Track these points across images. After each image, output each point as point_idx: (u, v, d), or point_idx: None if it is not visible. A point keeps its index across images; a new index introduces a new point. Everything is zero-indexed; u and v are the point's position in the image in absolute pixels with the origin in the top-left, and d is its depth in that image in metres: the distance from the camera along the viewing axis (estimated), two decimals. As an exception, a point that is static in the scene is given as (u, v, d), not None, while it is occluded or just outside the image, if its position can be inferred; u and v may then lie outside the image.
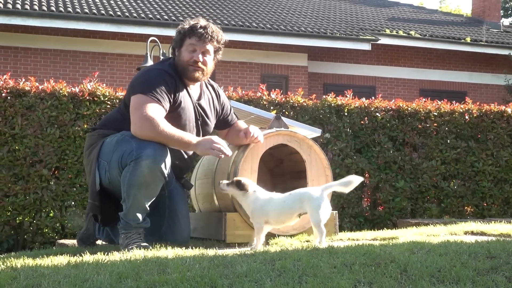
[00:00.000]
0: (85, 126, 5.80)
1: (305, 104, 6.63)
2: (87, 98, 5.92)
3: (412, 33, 15.24)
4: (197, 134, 3.74)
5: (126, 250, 3.24)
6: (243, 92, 6.55)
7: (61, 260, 2.97)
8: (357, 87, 13.86)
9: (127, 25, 12.45)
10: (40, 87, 5.87)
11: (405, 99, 8.41)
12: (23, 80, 5.97)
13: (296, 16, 15.51)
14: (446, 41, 15.41)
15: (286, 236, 3.74)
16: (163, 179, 3.41)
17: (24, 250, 4.96)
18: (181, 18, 12.64)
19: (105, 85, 6.30)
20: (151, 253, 3.05)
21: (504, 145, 7.21)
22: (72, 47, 12.63)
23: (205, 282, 2.33)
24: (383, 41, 14.59)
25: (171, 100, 3.56)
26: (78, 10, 12.43)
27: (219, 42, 3.75)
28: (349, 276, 2.39)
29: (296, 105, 6.58)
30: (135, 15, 12.69)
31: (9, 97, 5.74)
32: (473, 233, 4.24)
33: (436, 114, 7.03)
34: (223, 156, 3.44)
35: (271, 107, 6.38)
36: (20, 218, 5.71)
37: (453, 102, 7.40)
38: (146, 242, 3.36)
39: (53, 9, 12.17)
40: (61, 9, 12.23)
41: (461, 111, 7.16)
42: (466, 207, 7.05)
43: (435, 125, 7.00)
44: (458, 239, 3.49)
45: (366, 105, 6.84)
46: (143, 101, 3.45)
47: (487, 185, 7.04)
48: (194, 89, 3.78)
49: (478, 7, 19.01)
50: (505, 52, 15.83)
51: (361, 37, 14.08)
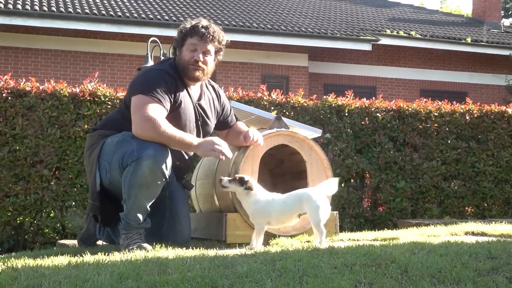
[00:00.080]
0: (86, 126, 5.80)
1: (306, 104, 6.63)
2: (88, 98, 5.93)
3: (412, 33, 15.23)
4: (197, 134, 3.74)
5: (126, 250, 3.24)
6: (244, 92, 6.55)
7: (62, 260, 2.97)
8: (358, 87, 13.86)
9: (127, 25, 12.45)
10: (40, 88, 5.88)
11: (406, 99, 8.42)
12: (24, 80, 5.97)
13: (296, 16, 15.51)
14: (446, 42, 15.40)
15: (286, 236, 3.74)
16: (164, 180, 3.41)
17: (24, 250, 4.96)
18: (181, 18, 12.64)
19: (105, 85, 6.30)
20: (152, 253, 3.05)
21: (504, 146, 7.22)
22: (72, 47, 12.62)
23: (206, 282, 2.33)
24: (384, 41, 14.58)
25: (172, 100, 3.56)
26: (78, 10, 12.43)
27: (220, 42, 3.76)
28: (350, 276, 2.39)
29: (296, 106, 6.58)
30: (135, 15, 12.69)
31: (9, 98, 5.74)
32: (473, 234, 4.24)
33: (436, 114, 7.03)
34: (223, 158, 3.44)
35: (272, 108, 6.38)
36: (20, 218, 5.71)
37: (454, 102, 7.41)
38: (146, 242, 3.36)
39: (53, 9, 12.16)
40: (62, 9, 12.23)
41: (462, 111, 7.16)
42: (466, 208, 7.05)
43: (436, 125, 7.00)
44: (458, 240, 3.49)
45: (366, 105, 6.85)
46: (144, 101, 3.45)
47: (488, 186, 7.04)
48: (194, 90, 3.78)
49: (478, 8, 19.00)
50: (505, 52, 15.82)
51: (361, 37, 14.07)
